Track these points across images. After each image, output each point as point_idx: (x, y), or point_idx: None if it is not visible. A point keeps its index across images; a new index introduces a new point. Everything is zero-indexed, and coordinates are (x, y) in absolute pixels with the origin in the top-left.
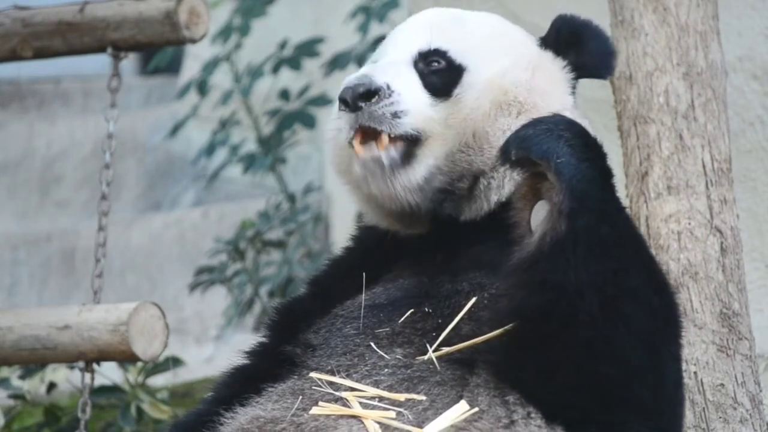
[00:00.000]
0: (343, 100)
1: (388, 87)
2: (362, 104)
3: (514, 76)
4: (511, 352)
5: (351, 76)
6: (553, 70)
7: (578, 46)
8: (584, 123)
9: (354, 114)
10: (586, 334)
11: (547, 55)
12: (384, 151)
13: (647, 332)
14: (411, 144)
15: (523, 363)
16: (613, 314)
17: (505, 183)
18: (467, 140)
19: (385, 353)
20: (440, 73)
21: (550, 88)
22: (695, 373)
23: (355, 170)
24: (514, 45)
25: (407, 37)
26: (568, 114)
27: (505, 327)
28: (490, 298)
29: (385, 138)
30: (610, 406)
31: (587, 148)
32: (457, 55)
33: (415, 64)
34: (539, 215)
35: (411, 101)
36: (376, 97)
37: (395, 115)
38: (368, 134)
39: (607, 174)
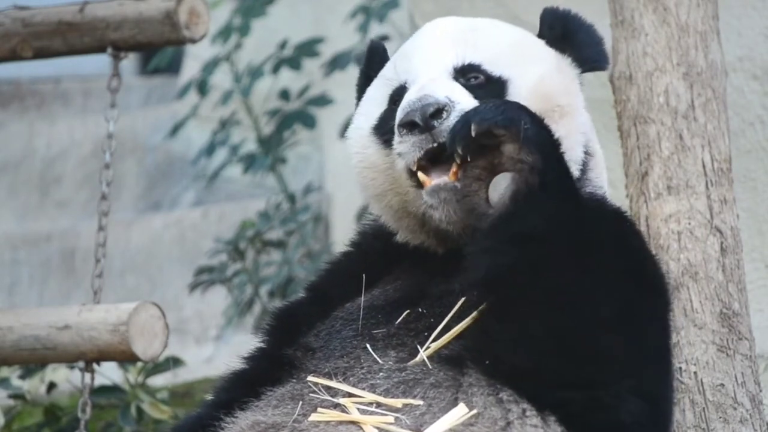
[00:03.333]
0: (410, 123)
1: (450, 100)
2: (435, 123)
3: (551, 81)
4: (485, 328)
5: (410, 98)
6: (568, 68)
7: (571, 40)
8: (587, 118)
9: (427, 134)
10: (552, 283)
11: (559, 55)
12: (456, 180)
13: (619, 282)
14: None
15: (497, 335)
16: (582, 261)
17: None
18: None
19: (380, 356)
20: (484, 87)
21: (573, 88)
22: (695, 373)
23: (424, 198)
24: (537, 50)
25: (433, 53)
26: (584, 111)
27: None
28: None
29: (455, 167)
30: (582, 364)
31: (539, 119)
32: (492, 67)
33: (455, 79)
34: (499, 187)
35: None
36: (444, 113)
37: None
38: (433, 161)
39: (559, 143)
